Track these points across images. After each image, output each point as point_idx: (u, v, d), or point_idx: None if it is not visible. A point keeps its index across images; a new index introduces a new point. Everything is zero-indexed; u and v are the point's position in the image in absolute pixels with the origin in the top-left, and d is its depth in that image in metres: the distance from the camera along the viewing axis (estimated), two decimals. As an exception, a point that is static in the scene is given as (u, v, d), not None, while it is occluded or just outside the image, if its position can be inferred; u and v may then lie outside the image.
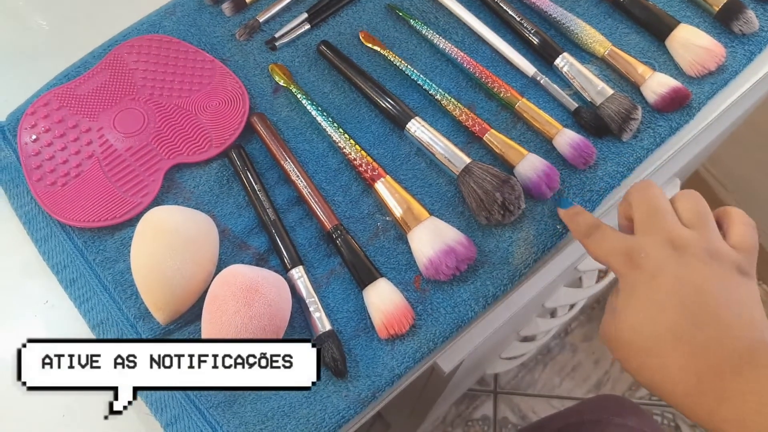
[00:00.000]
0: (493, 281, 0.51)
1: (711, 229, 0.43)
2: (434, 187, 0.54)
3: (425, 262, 0.50)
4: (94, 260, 0.51)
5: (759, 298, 0.42)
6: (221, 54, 0.59)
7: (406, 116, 0.55)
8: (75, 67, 0.58)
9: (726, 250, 0.42)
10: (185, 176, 0.54)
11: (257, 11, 0.61)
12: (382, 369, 0.48)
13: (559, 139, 0.54)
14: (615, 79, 0.58)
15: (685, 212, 0.44)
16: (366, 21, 0.61)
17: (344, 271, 0.51)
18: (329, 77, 0.59)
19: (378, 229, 0.53)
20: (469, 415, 1.31)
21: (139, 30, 0.59)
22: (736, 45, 0.59)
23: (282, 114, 0.57)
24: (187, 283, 0.47)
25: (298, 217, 0.53)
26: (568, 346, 1.36)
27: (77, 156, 0.54)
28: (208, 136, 0.55)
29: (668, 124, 0.56)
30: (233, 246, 0.52)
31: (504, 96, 0.56)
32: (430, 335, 0.49)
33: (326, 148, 0.56)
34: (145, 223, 0.48)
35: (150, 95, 0.56)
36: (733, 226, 0.44)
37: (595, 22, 0.60)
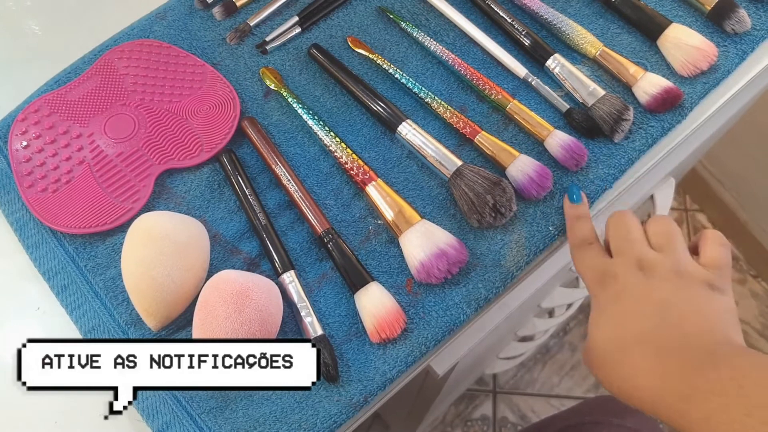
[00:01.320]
0: (485, 284, 0.51)
1: (679, 250, 0.46)
2: (426, 189, 0.54)
3: (417, 266, 0.50)
4: (85, 266, 0.51)
5: (734, 310, 0.44)
6: (212, 58, 0.59)
7: (397, 119, 0.55)
8: (66, 73, 0.58)
9: (694, 268, 0.45)
10: (176, 181, 0.54)
11: (248, 15, 0.60)
12: (374, 373, 0.48)
13: (551, 141, 0.54)
14: (607, 79, 0.58)
15: (654, 236, 0.47)
16: (357, 24, 0.61)
17: (336, 275, 0.51)
18: (320, 81, 0.58)
19: (370, 233, 0.53)
20: (469, 414, 1.31)
21: (130, 35, 0.59)
22: (728, 44, 0.59)
23: (273, 118, 0.57)
24: (178, 288, 0.47)
25: (290, 221, 0.53)
26: (567, 345, 1.36)
27: (68, 162, 0.54)
28: (199, 140, 0.55)
29: (660, 124, 0.56)
30: (224, 251, 0.52)
31: (495, 98, 0.56)
32: (422, 339, 0.49)
33: (317, 152, 0.56)
34: (135, 229, 0.48)
35: (141, 100, 0.56)
36: (706, 247, 0.47)
37: (587, 23, 0.60)
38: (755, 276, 1.42)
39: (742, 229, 1.38)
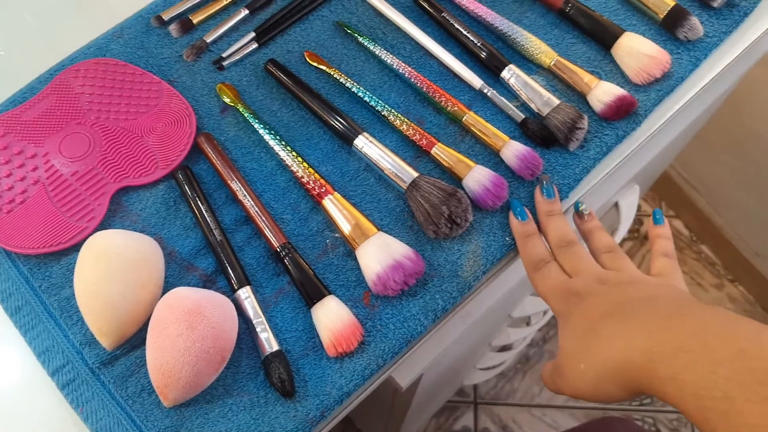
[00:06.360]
0: (442, 295, 0.51)
1: (631, 266, 0.49)
2: (383, 202, 0.54)
3: (373, 278, 0.50)
4: (39, 287, 0.51)
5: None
6: (168, 75, 0.59)
7: (353, 132, 0.55)
8: (21, 93, 0.57)
9: (647, 277, 0.48)
10: (132, 199, 0.54)
11: (204, 32, 0.61)
12: (331, 387, 0.48)
13: (506, 151, 0.54)
14: (562, 89, 0.58)
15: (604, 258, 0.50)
16: (314, 38, 0.61)
17: (293, 290, 0.51)
18: (277, 95, 0.59)
19: (327, 247, 0.53)
20: (450, 426, 1.31)
21: (87, 54, 0.59)
22: (681, 51, 0.60)
23: (230, 134, 0.57)
24: (132, 307, 0.47)
25: (246, 236, 0.53)
26: (547, 354, 1.36)
27: (22, 182, 0.53)
28: (155, 158, 0.54)
29: (615, 132, 0.56)
30: (180, 268, 0.52)
31: (451, 110, 0.56)
32: (379, 351, 0.49)
33: (274, 167, 0.56)
34: (87, 249, 0.48)
35: (96, 119, 0.56)
36: (653, 261, 0.51)
37: (542, 33, 0.61)
38: (732, 280, 1.43)
39: (717, 233, 1.39)
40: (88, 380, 0.48)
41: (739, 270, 1.41)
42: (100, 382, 0.48)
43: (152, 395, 0.47)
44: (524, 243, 0.51)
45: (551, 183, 0.53)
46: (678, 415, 1.33)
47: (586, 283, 0.47)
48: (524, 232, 0.51)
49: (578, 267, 0.48)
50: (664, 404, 1.34)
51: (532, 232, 0.51)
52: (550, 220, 0.52)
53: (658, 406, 1.34)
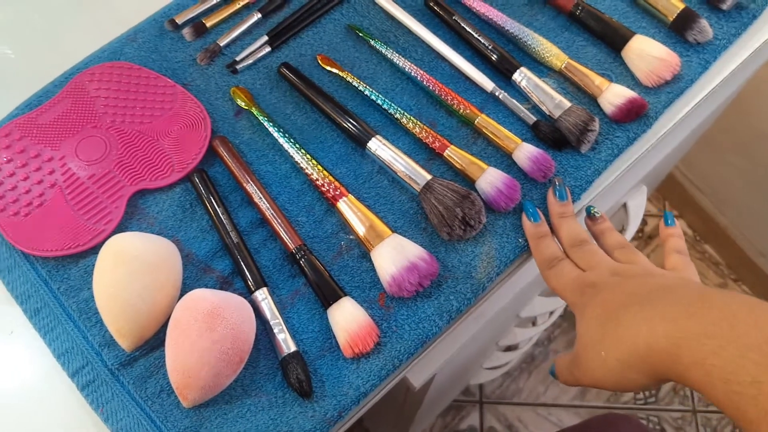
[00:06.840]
0: (456, 296, 0.51)
1: (645, 260, 0.49)
2: (397, 204, 0.55)
3: (388, 280, 0.50)
4: (58, 289, 0.51)
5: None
6: (183, 79, 0.59)
7: (367, 135, 0.56)
8: (36, 97, 0.58)
9: (661, 269, 0.49)
10: (149, 202, 0.54)
11: (218, 35, 0.61)
12: (348, 388, 0.48)
13: (518, 153, 0.55)
14: (573, 91, 0.59)
15: (617, 254, 0.50)
16: (326, 42, 0.62)
17: (309, 292, 0.52)
18: (291, 99, 0.59)
19: (342, 248, 0.53)
20: (456, 426, 1.31)
21: (101, 57, 0.60)
22: (691, 54, 0.60)
23: (244, 137, 0.57)
24: (150, 309, 0.48)
25: (262, 238, 0.54)
26: (552, 354, 1.37)
27: (40, 185, 0.54)
28: (170, 161, 0.55)
29: (626, 134, 0.57)
30: (197, 270, 0.52)
31: (463, 112, 0.57)
32: (395, 352, 0.49)
33: (289, 170, 0.56)
34: (106, 251, 0.48)
35: (111, 122, 0.56)
36: (666, 258, 0.51)
37: (552, 36, 0.61)
38: (736, 280, 1.44)
39: (721, 233, 1.40)
40: (108, 381, 0.49)
41: (744, 270, 1.42)
42: (120, 383, 0.48)
43: (171, 396, 0.48)
44: (537, 244, 0.52)
45: (564, 185, 0.53)
46: (682, 413, 1.33)
47: (602, 275, 0.47)
48: (537, 234, 0.52)
49: (592, 262, 0.49)
50: (668, 403, 1.35)
51: (544, 233, 0.52)
52: (562, 221, 0.52)
53: (662, 404, 1.34)
